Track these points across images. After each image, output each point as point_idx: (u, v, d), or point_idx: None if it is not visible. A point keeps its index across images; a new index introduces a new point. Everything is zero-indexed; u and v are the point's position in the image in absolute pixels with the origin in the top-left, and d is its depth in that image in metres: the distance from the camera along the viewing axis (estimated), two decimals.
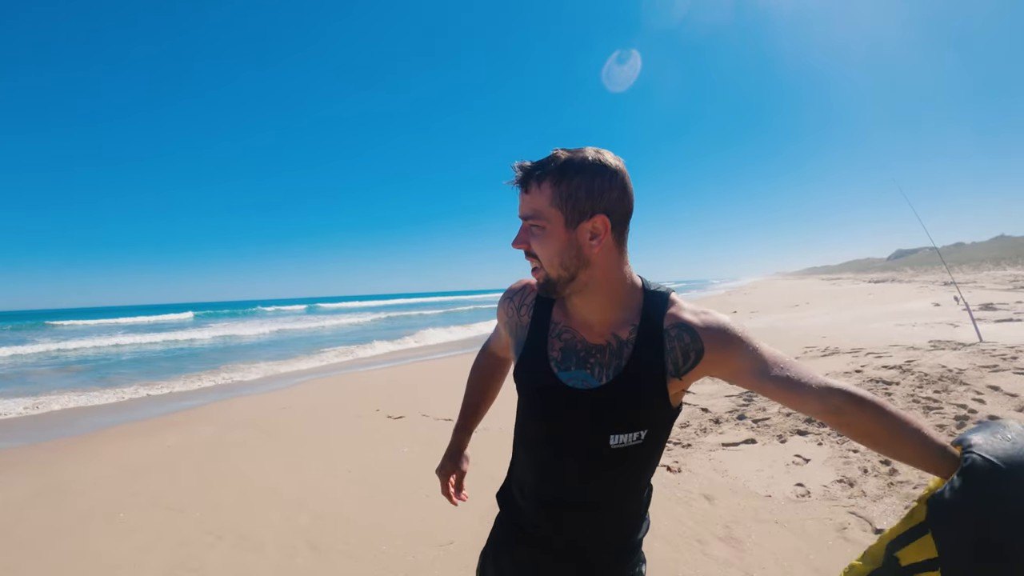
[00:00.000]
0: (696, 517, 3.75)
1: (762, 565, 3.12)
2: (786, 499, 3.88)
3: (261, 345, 20.54)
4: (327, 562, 3.50)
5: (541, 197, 1.17)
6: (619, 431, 1.21)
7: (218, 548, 3.72)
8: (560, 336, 1.29)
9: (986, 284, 23.75)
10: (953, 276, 12.47)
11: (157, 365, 15.01)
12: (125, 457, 5.79)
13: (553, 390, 1.26)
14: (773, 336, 11.99)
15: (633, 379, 1.21)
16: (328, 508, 4.21)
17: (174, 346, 21.13)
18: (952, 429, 4.71)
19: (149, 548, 3.74)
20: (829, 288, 37.27)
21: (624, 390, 1.21)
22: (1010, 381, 5.97)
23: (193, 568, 3.48)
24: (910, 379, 6.61)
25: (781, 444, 4.92)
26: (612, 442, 1.22)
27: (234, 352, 17.93)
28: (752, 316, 19.08)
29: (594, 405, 1.22)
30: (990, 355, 7.50)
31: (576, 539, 1.33)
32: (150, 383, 11.35)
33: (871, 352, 8.80)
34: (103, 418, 8.10)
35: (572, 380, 1.25)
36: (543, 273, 1.22)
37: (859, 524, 3.42)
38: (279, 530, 3.92)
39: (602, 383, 1.23)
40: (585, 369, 1.25)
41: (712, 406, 6.35)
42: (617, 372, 1.22)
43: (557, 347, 1.29)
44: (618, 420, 1.22)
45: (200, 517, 4.19)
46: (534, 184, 1.18)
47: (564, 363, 1.27)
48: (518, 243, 1.22)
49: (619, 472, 1.28)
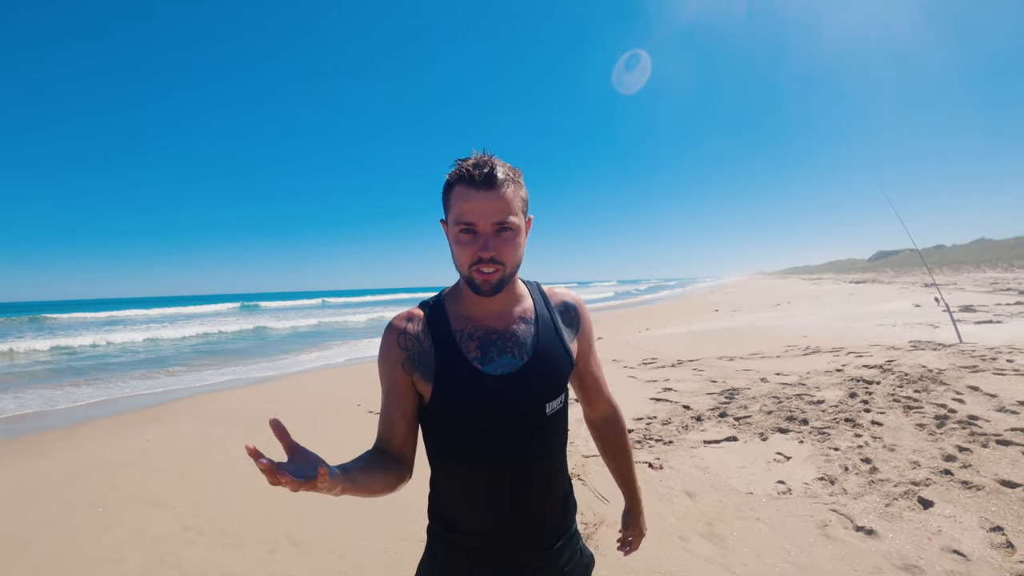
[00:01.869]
0: (678, 514, 3.81)
1: (744, 562, 3.18)
2: (767, 496, 3.95)
3: (253, 340, 20.33)
4: (307, 556, 3.52)
5: (512, 201, 1.27)
6: (551, 398, 1.39)
7: (198, 543, 3.73)
8: (472, 336, 1.37)
9: (966, 286, 24.19)
10: (934, 278, 12.68)
11: (142, 360, 14.82)
12: (106, 452, 5.78)
13: (486, 383, 1.33)
14: (755, 335, 12.14)
15: (547, 351, 1.40)
16: (309, 503, 4.20)
17: (165, 341, 20.84)
18: (933, 428, 4.81)
19: (128, 543, 3.74)
20: (810, 288, 37.75)
21: (545, 361, 1.38)
22: (990, 381, 6.12)
23: (172, 564, 3.48)
24: (891, 379, 6.74)
25: (762, 442, 5.00)
26: (547, 410, 1.38)
27: (237, 345, 17.74)
28: (734, 315, 19.28)
29: (526, 381, 1.35)
30: (970, 356, 7.67)
31: (533, 512, 1.42)
32: (134, 377, 11.30)
33: (852, 351, 8.96)
34: (84, 412, 8.07)
35: (499, 368, 1.35)
36: (500, 274, 1.29)
37: (840, 521, 3.50)
38: (260, 525, 3.94)
39: (525, 360, 1.36)
40: (506, 354, 1.36)
41: (694, 404, 6.42)
42: (534, 348, 1.39)
43: (473, 347, 1.36)
44: (548, 388, 1.38)
45: (180, 512, 4.20)
46: (504, 186, 1.26)
47: (486, 357, 1.35)
48: (490, 251, 1.26)
49: (555, 436, 1.43)
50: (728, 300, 29.48)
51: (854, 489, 3.90)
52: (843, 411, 5.58)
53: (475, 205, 1.24)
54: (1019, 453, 4.13)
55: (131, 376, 11.60)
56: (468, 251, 1.27)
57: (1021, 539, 3.10)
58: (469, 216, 1.24)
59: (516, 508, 1.39)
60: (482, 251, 1.25)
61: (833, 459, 4.42)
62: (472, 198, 1.24)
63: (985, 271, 36.17)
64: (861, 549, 3.18)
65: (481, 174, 1.24)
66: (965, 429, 4.72)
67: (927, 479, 3.90)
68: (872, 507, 3.63)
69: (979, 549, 3.06)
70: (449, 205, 1.31)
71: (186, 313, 47.41)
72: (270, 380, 10.41)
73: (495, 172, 1.24)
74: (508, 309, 1.41)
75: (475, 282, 1.29)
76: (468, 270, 1.29)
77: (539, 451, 1.39)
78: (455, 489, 1.42)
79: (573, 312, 1.52)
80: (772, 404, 6.11)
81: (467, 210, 1.24)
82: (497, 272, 1.28)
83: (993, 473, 3.88)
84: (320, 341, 18.71)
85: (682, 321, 18.09)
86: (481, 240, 1.25)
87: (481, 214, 1.24)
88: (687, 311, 23.98)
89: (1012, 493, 3.59)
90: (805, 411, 5.71)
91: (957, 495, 3.66)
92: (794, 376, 7.50)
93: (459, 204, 1.26)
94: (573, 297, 1.55)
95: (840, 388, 6.53)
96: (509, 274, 1.31)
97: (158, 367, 12.83)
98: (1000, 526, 3.24)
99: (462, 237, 1.27)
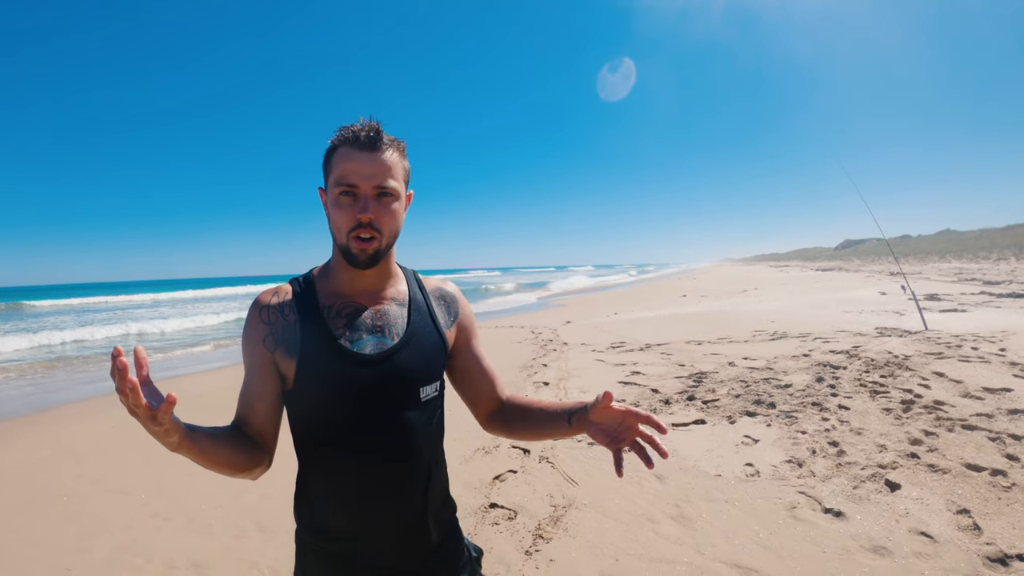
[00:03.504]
0: (647, 496, 3.81)
1: (712, 543, 3.19)
2: (736, 479, 3.97)
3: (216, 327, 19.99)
4: (274, 541, 3.51)
5: (394, 167, 1.28)
6: (423, 383, 1.34)
7: (164, 531, 3.70)
8: (340, 313, 1.33)
9: (931, 276, 24.73)
10: (900, 267, 12.92)
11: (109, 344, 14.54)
12: (71, 439, 5.72)
13: (354, 362, 1.28)
14: (722, 320, 12.27)
15: (419, 334, 1.37)
16: (276, 487, 4.14)
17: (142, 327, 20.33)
18: (899, 413, 4.89)
19: (94, 532, 3.70)
20: (777, 275, 38.28)
21: (417, 343, 1.35)
22: (955, 368, 6.24)
23: (138, 552, 3.44)
24: (857, 364, 6.85)
25: (731, 425, 5.03)
26: (421, 395, 1.34)
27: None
28: (702, 300, 19.47)
29: (397, 363, 1.31)
30: (935, 343, 7.83)
31: (413, 509, 1.34)
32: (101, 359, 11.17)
33: (819, 337, 9.09)
34: (48, 397, 8.05)
35: (368, 348, 1.30)
36: (377, 244, 1.27)
37: (808, 503, 3.53)
38: (227, 511, 3.93)
39: (395, 341, 1.33)
40: (376, 334, 1.32)
41: (662, 387, 6.45)
42: (406, 329, 1.36)
43: (341, 324, 1.31)
44: (419, 372, 1.34)
45: (146, 499, 4.17)
46: (388, 150, 1.27)
47: (354, 334, 1.31)
48: (369, 214, 1.25)
49: (430, 425, 1.38)
50: (696, 286, 29.76)
51: (822, 472, 3.94)
52: (810, 395, 5.65)
53: (357, 166, 1.24)
54: (984, 438, 4.22)
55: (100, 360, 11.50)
56: (347, 214, 1.25)
57: (988, 521, 3.16)
58: (351, 177, 1.24)
59: (392, 505, 1.32)
60: (361, 213, 1.23)
61: (801, 442, 4.46)
62: (355, 158, 1.24)
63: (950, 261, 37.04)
64: (829, 531, 3.21)
65: (367, 136, 1.24)
66: (931, 414, 4.80)
67: (894, 462, 3.95)
68: (840, 489, 3.67)
69: (946, 531, 3.11)
70: (330, 168, 1.29)
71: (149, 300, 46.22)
72: (232, 366, 10.32)
73: (380, 135, 1.25)
74: (381, 288, 1.38)
75: (352, 251, 1.27)
76: (346, 237, 1.26)
77: (413, 440, 1.32)
78: (324, 485, 1.33)
79: (449, 300, 1.51)
80: (740, 388, 6.16)
81: (349, 171, 1.24)
82: (375, 241, 1.26)
83: (959, 457, 3.95)
84: None
85: (651, 306, 18.20)
86: (361, 203, 1.24)
87: (363, 175, 1.24)
88: (655, 296, 24.16)
89: (978, 476, 3.66)
90: (773, 395, 5.77)
91: (924, 478, 3.72)
92: (762, 360, 7.57)
93: (341, 165, 1.25)
94: (451, 287, 1.55)
95: (807, 373, 6.61)
96: (386, 245, 1.30)
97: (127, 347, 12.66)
98: (967, 508, 3.30)
99: (342, 200, 1.25)
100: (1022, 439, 4.14)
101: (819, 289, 21.24)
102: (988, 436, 4.24)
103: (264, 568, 3.23)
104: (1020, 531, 3.05)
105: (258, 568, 3.23)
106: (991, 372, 5.98)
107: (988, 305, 12.04)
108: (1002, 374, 5.87)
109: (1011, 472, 3.67)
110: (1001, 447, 4.05)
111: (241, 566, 3.27)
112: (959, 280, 20.94)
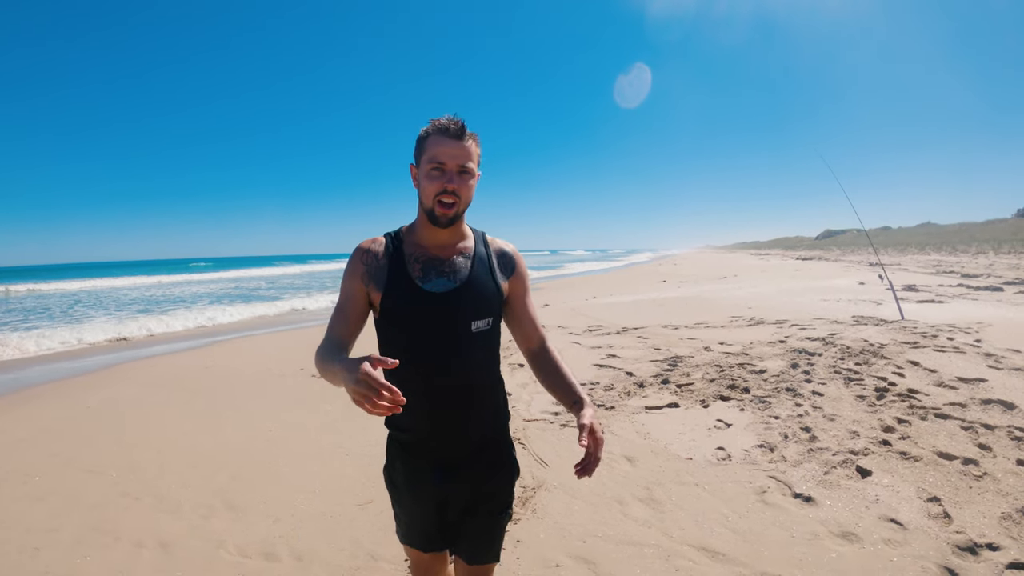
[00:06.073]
0: (617, 478, 3.79)
1: (681, 526, 3.18)
2: (707, 462, 3.98)
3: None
4: (243, 521, 3.48)
5: (473, 152, 1.67)
6: (476, 318, 1.72)
7: (134, 510, 3.68)
8: (417, 260, 1.74)
9: (910, 267, 25.04)
10: (879, 257, 13.05)
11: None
12: (44, 419, 5.68)
13: (422, 298, 1.68)
14: (700, 305, 12.32)
15: (478, 280, 1.75)
16: (247, 467, 4.24)
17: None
18: (872, 400, 4.93)
19: (64, 511, 3.69)
20: (757, 262, 38.63)
21: (475, 287, 1.74)
22: (930, 357, 6.32)
23: (107, 531, 3.42)
24: (832, 351, 6.91)
25: (704, 409, 5.04)
26: (473, 327, 1.71)
27: None
28: (681, 286, 19.57)
29: (456, 301, 1.70)
30: (911, 332, 7.93)
31: (458, 413, 1.73)
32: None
33: (796, 324, 9.18)
34: (21, 374, 8.04)
35: (435, 287, 1.70)
36: (456, 209, 1.67)
37: (778, 488, 3.54)
38: (197, 490, 3.92)
39: (457, 285, 1.72)
40: (443, 277, 1.72)
41: (637, 370, 6.45)
42: (467, 276, 1.74)
43: (417, 268, 1.72)
44: (474, 310, 1.72)
45: (117, 478, 4.15)
46: (469, 140, 1.66)
47: (426, 277, 1.71)
48: (454, 184, 1.63)
49: (480, 352, 1.75)
50: (675, 271, 29.93)
51: (793, 457, 3.95)
52: (784, 381, 5.69)
53: (446, 149, 1.62)
54: (957, 427, 4.26)
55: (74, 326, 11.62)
56: (436, 184, 1.63)
57: (958, 510, 3.18)
58: (441, 157, 1.62)
59: (439, 409, 1.71)
60: (448, 183, 1.62)
61: (773, 427, 4.48)
62: (445, 144, 1.62)
63: (929, 254, 37.55)
64: (799, 516, 3.22)
65: (455, 127, 1.63)
66: (904, 402, 4.85)
67: (866, 449, 3.98)
68: (811, 475, 3.69)
69: (916, 518, 3.13)
70: (423, 149, 1.67)
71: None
72: (208, 345, 10.23)
73: (464, 129, 1.64)
74: (453, 244, 1.77)
75: (435, 213, 1.66)
76: (432, 201, 1.65)
77: (464, 360, 1.71)
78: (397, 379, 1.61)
79: (508, 258, 1.88)
80: (715, 372, 6.19)
81: (439, 152, 1.62)
82: (455, 207, 1.66)
83: (931, 445, 3.98)
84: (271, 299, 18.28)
85: (629, 291, 18.25)
86: (447, 176, 1.63)
87: (450, 156, 1.62)
88: (634, 281, 24.25)
89: (949, 465, 3.69)
90: (747, 380, 5.80)
91: (895, 465, 3.75)
92: (737, 346, 7.62)
93: (433, 148, 1.63)
94: (510, 247, 1.91)
95: (782, 359, 6.66)
96: (462, 209, 1.69)
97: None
98: (937, 496, 3.33)
99: (433, 173, 1.64)
100: (995, 429, 4.19)
101: (798, 277, 21.44)
102: (961, 425, 4.29)
103: (231, 547, 3.19)
104: (990, 520, 3.08)
105: (225, 547, 3.19)
106: (966, 362, 6.06)
107: (965, 297, 12.21)
108: (977, 364, 5.96)
109: (983, 461, 3.71)
110: (973, 436, 4.10)
111: (208, 545, 3.22)
112: (937, 272, 21.23)
